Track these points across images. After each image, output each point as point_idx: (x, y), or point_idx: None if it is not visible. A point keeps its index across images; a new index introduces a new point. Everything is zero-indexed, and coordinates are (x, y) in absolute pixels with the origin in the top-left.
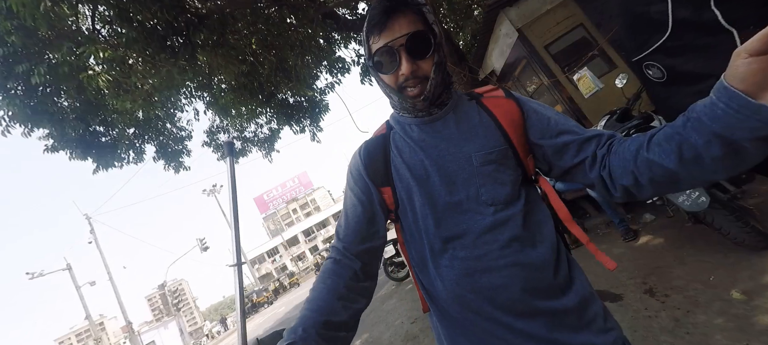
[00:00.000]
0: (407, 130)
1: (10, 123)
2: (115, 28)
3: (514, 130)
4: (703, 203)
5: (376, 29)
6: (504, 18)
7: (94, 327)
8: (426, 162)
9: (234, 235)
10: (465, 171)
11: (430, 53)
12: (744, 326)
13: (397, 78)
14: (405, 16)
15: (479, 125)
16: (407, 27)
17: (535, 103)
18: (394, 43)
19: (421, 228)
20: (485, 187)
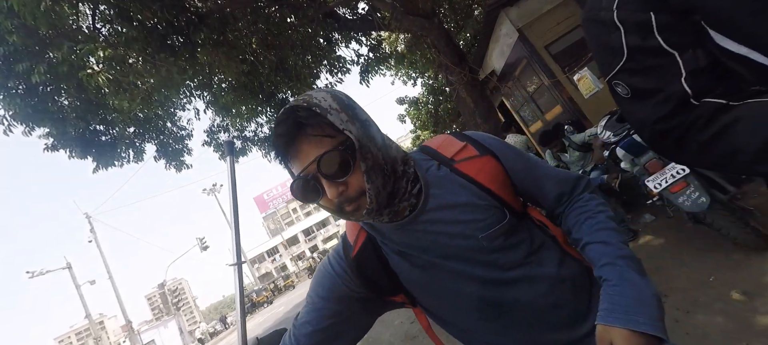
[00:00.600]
0: (390, 237)
1: (12, 122)
2: (116, 27)
3: (504, 190)
4: (703, 204)
5: (283, 160)
6: (504, 18)
7: (94, 326)
8: (435, 261)
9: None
10: (480, 254)
11: (353, 167)
12: (744, 327)
13: (329, 202)
14: (308, 139)
15: (471, 202)
16: (314, 150)
17: (508, 149)
18: (306, 172)
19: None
20: (503, 258)
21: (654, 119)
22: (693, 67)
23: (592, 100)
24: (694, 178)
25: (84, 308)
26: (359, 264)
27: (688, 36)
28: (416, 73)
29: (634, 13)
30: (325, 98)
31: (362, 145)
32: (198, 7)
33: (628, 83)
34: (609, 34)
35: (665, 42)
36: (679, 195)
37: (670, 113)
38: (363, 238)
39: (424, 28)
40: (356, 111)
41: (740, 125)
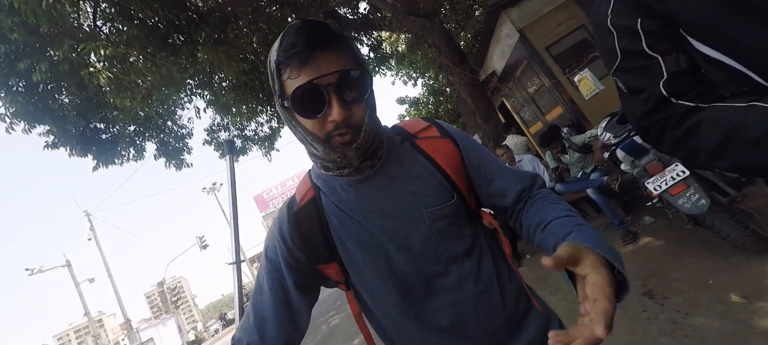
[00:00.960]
0: (339, 194)
1: (13, 120)
2: (117, 26)
3: (457, 174)
4: (702, 206)
5: (296, 60)
6: (505, 19)
7: (93, 324)
8: (373, 230)
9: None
10: (419, 232)
11: (365, 97)
12: (743, 329)
13: (325, 124)
14: (333, 51)
15: (423, 175)
16: (337, 63)
17: (467, 140)
18: (321, 81)
19: (383, 303)
20: (442, 245)
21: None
22: (674, 70)
23: (592, 101)
24: (694, 181)
25: (83, 306)
26: (298, 219)
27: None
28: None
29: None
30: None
31: (371, 86)
32: (199, 5)
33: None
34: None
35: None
36: (679, 197)
37: (651, 111)
38: (310, 195)
39: (425, 29)
40: None
41: (702, 126)
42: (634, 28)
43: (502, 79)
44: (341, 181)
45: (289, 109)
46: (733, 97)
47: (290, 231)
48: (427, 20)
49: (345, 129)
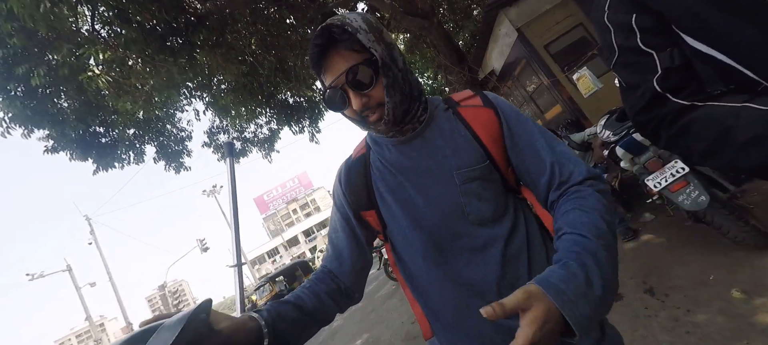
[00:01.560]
0: (384, 152)
1: (11, 124)
2: (115, 29)
3: (493, 142)
4: (702, 202)
5: (317, 69)
6: (504, 18)
7: (95, 328)
8: (406, 185)
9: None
10: (448, 191)
11: (376, 81)
12: (744, 325)
13: (353, 111)
14: (339, 53)
15: (458, 139)
16: (344, 63)
17: (512, 113)
18: (337, 82)
19: (412, 252)
20: (471, 206)
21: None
22: (668, 66)
23: (591, 99)
24: (694, 177)
25: (84, 310)
26: (349, 170)
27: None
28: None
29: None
30: (356, 19)
31: (385, 63)
32: (197, 8)
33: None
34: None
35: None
36: (679, 194)
37: (646, 107)
38: (362, 152)
39: (424, 28)
40: (383, 34)
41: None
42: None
43: (500, 78)
44: (388, 142)
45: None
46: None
47: (343, 179)
48: (426, 20)
49: (369, 111)
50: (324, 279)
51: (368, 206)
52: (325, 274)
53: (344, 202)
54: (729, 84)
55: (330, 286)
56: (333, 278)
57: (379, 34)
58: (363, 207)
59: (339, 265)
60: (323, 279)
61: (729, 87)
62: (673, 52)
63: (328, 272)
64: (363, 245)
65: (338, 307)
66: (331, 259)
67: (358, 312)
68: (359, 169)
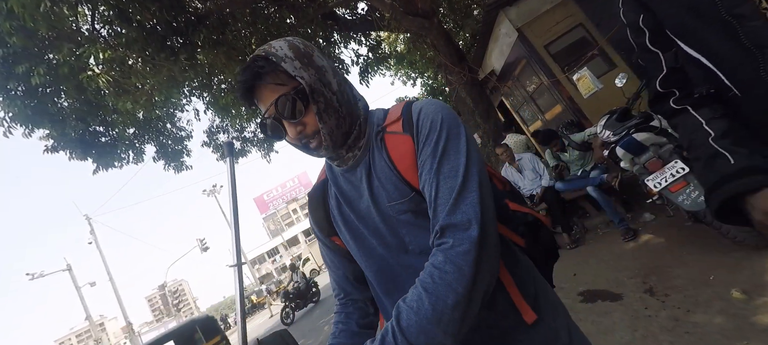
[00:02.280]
0: (336, 179)
1: (11, 124)
2: (115, 29)
3: (412, 174)
4: (702, 203)
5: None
6: (504, 18)
7: (95, 327)
8: (352, 216)
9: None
10: (388, 222)
11: (306, 109)
12: (744, 326)
13: (293, 140)
14: (265, 86)
15: (385, 171)
16: (271, 95)
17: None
18: (268, 113)
19: (370, 279)
20: (410, 236)
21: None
22: (672, 66)
23: (591, 99)
24: (694, 177)
25: (84, 310)
26: (311, 198)
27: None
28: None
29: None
30: (281, 47)
31: (314, 89)
32: (197, 7)
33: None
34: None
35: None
36: (679, 194)
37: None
38: (321, 179)
39: (424, 28)
40: (313, 58)
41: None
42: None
43: (501, 78)
44: (337, 170)
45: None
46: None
47: (310, 207)
48: (426, 20)
49: (307, 139)
50: (347, 312)
51: (331, 233)
52: (343, 305)
53: (316, 229)
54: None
55: (356, 316)
56: (353, 303)
57: (308, 59)
58: (328, 233)
59: (347, 283)
60: (347, 313)
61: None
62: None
63: (345, 298)
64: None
65: (372, 331)
66: (336, 283)
67: None
68: (319, 197)
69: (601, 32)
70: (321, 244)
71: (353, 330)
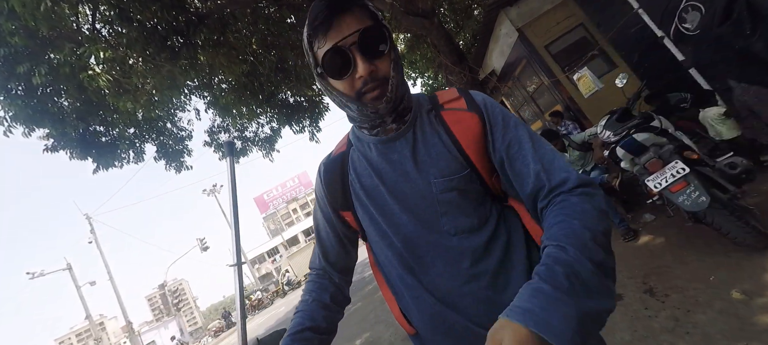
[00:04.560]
0: (366, 151)
1: (12, 123)
2: (116, 28)
3: (475, 149)
4: (703, 203)
5: (321, 29)
6: (504, 18)
7: (95, 327)
8: (383, 188)
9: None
10: (425, 198)
11: (387, 50)
12: (744, 326)
13: (354, 83)
14: (352, 13)
15: (439, 145)
16: (356, 24)
17: (498, 116)
18: (344, 42)
19: (388, 256)
20: (446, 216)
21: None
22: None
23: (591, 99)
24: (694, 178)
25: (84, 309)
26: (327, 167)
27: None
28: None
29: None
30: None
31: (391, 38)
32: (198, 7)
33: None
34: None
35: None
36: (679, 194)
37: None
38: (342, 149)
39: (424, 28)
40: None
41: None
42: None
43: (501, 78)
44: (371, 140)
45: (322, 76)
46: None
47: (322, 176)
48: (426, 20)
49: (372, 83)
50: (323, 285)
51: (345, 207)
52: (321, 278)
53: (325, 200)
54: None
55: (331, 291)
56: (330, 280)
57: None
58: (340, 207)
59: (329, 264)
60: (322, 285)
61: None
62: None
63: (323, 275)
64: (346, 244)
65: (341, 311)
66: (320, 259)
67: (358, 312)
68: (337, 168)
69: (601, 32)
70: (322, 216)
71: (325, 302)
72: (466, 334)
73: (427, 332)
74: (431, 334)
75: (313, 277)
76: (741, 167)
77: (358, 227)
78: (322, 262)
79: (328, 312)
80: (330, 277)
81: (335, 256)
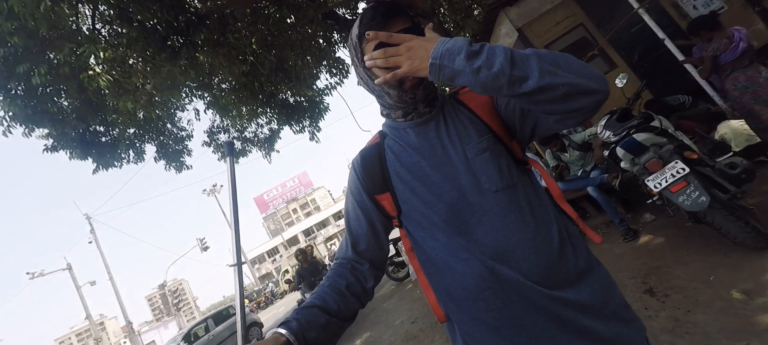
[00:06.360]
0: (403, 135)
1: (11, 123)
2: (116, 28)
3: (492, 118)
4: (703, 203)
5: (375, 28)
6: (504, 17)
7: (95, 327)
8: (423, 163)
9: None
10: (463, 164)
11: None
12: (744, 326)
13: None
14: (399, 16)
15: (464, 119)
16: (401, 24)
17: None
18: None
19: (431, 227)
20: (485, 175)
21: None
22: None
23: None
24: (694, 178)
25: (84, 309)
26: (364, 156)
27: None
28: None
29: None
30: None
31: None
32: (198, 7)
33: None
34: None
35: None
36: (679, 194)
37: None
38: (376, 140)
39: None
40: None
41: None
42: None
43: None
44: (406, 125)
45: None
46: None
47: (358, 165)
48: (426, 20)
49: None
50: (343, 273)
51: (383, 189)
52: (343, 266)
53: (360, 186)
54: None
55: (349, 280)
56: (352, 270)
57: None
58: (378, 190)
59: (356, 253)
60: (342, 273)
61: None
62: None
63: (346, 263)
64: (379, 231)
65: (359, 302)
66: (348, 248)
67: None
68: (374, 155)
69: (601, 32)
70: (355, 204)
71: (340, 289)
72: (518, 289)
73: (471, 298)
74: (476, 299)
75: (336, 265)
76: (741, 167)
77: (394, 210)
78: (349, 252)
79: (341, 298)
80: (352, 266)
81: (365, 244)
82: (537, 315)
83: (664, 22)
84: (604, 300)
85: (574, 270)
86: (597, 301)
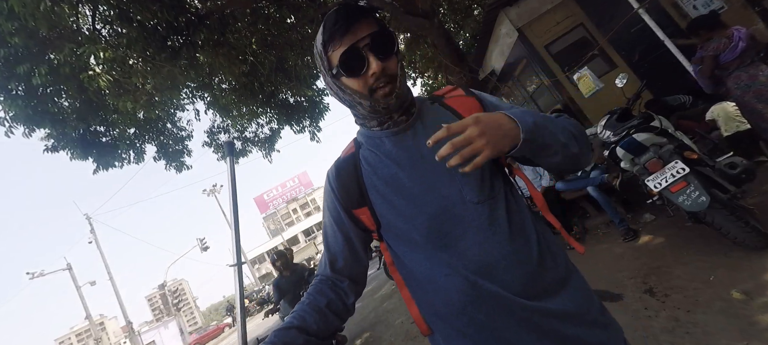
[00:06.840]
0: (378, 145)
1: (12, 123)
2: (116, 29)
3: None
4: (703, 203)
5: (338, 34)
6: (504, 18)
7: (95, 327)
8: (401, 175)
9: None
10: (444, 176)
11: (394, 51)
12: (744, 326)
13: (367, 80)
14: (364, 20)
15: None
16: (368, 28)
17: (494, 99)
18: (359, 43)
19: (411, 244)
20: (467, 186)
21: None
22: None
23: (592, 99)
24: (694, 178)
25: (84, 309)
26: (338, 169)
27: None
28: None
29: None
30: None
31: (398, 43)
32: (198, 7)
33: None
34: None
35: None
36: (679, 194)
37: None
38: (351, 151)
39: (424, 28)
40: None
41: None
42: None
43: (501, 78)
44: (381, 134)
45: (336, 76)
46: None
47: (333, 179)
48: (426, 20)
49: (384, 79)
50: (323, 290)
51: (360, 203)
52: (323, 284)
53: (336, 200)
54: None
55: (329, 297)
56: (332, 287)
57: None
58: (355, 204)
59: (335, 271)
60: (322, 291)
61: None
62: None
63: (326, 281)
64: (357, 247)
65: (340, 318)
66: (327, 265)
67: (358, 312)
68: (349, 167)
69: (601, 32)
70: (331, 220)
71: (320, 306)
72: (501, 302)
73: (455, 313)
74: (460, 314)
75: (316, 282)
76: (741, 167)
77: (373, 224)
78: (327, 270)
79: (321, 317)
80: (333, 283)
81: (343, 261)
82: (518, 327)
83: (664, 22)
84: (587, 307)
85: (555, 280)
86: (581, 309)
